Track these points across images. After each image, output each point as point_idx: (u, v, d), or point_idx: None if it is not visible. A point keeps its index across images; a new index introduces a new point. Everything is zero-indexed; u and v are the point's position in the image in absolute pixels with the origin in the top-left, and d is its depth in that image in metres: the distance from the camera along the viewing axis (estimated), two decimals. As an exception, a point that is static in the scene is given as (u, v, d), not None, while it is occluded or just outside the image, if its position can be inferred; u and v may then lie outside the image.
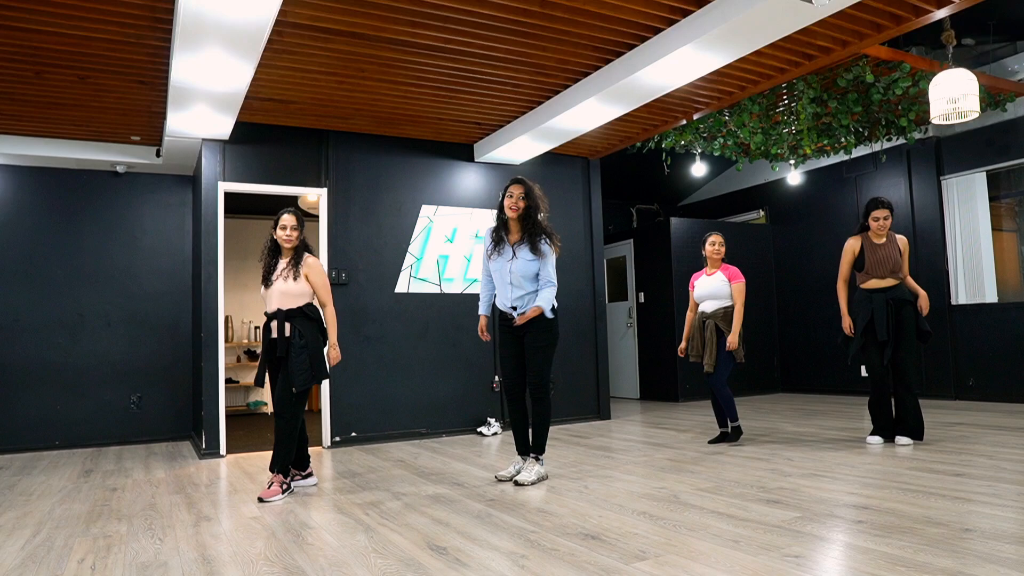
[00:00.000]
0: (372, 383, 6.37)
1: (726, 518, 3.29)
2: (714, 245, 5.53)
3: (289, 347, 4.25)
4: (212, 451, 5.79)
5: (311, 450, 6.07)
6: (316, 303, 4.45)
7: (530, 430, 4.44)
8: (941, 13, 4.35)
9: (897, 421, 5.17)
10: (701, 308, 5.52)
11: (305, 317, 4.35)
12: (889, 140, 7.58)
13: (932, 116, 5.38)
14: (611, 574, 2.59)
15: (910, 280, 5.22)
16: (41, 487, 4.70)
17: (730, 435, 5.46)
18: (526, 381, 4.40)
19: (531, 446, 4.43)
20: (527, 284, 4.35)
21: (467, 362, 6.78)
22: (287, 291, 4.33)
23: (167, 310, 6.96)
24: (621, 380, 9.93)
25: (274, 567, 2.82)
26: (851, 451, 4.93)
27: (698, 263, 9.22)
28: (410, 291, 6.63)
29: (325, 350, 4.43)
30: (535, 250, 4.33)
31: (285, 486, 4.23)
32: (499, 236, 4.48)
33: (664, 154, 7.98)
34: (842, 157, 8.67)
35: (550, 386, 4.40)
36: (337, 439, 6.18)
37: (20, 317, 6.47)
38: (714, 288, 5.46)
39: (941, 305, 7.90)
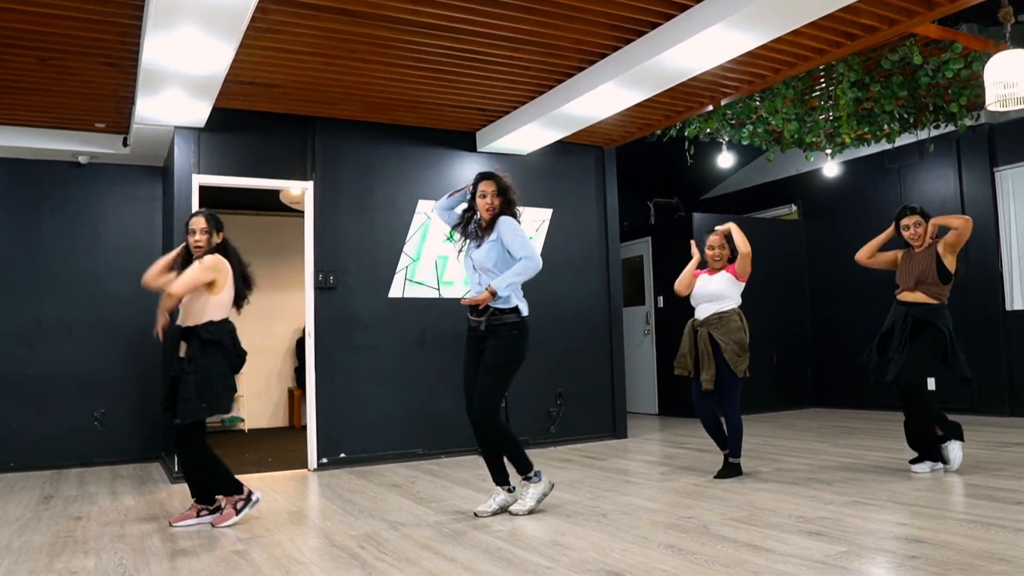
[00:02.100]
0: (363, 398, 6.35)
1: (764, 552, 3.27)
2: (713, 249, 5.19)
3: (181, 370, 4.11)
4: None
5: (295, 473, 6.06)
6: (222, 318, 4.33)
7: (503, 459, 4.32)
8: (999, -12, 4.35)
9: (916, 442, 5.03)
10: (696, 314, 5.22)
11: (200, 339, 4.17)
12: (937, 127, 7.56)
13: (987, 101, 5.36)
14: (639, 617, 2.58)
15: (947, 220, 4.99)
16: (14, 510, 4.68)
17: (723, 470, 5.10)
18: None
19: (517, 472, 4.28)
20: (490, 273, 4.24)
21: (468, 374, 6.77)
22: (186, 303, 4.22)
23: (135, 316, 6.92)
24: (638, 394, 9.91)
25: (261, 608, 2.81)
26: (897, 476, 4.91)
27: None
28: (405, 295, 6.61)
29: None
30: (495, 237, 4.25)
31: (241, 502, 4.22)
32: (471, 232, 4.44)
33: (687, 143, 7.97)
34: (884, 146, 8.64)
35: (499, 410, 4.25)
36: (324, 461, 6.17)
37: (-29, 324, 6.46)
38: (715, 289, 5.12)
39: (994, 311, 7.89)
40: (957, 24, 6.28)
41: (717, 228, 5.28)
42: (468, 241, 4.45)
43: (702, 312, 5.16)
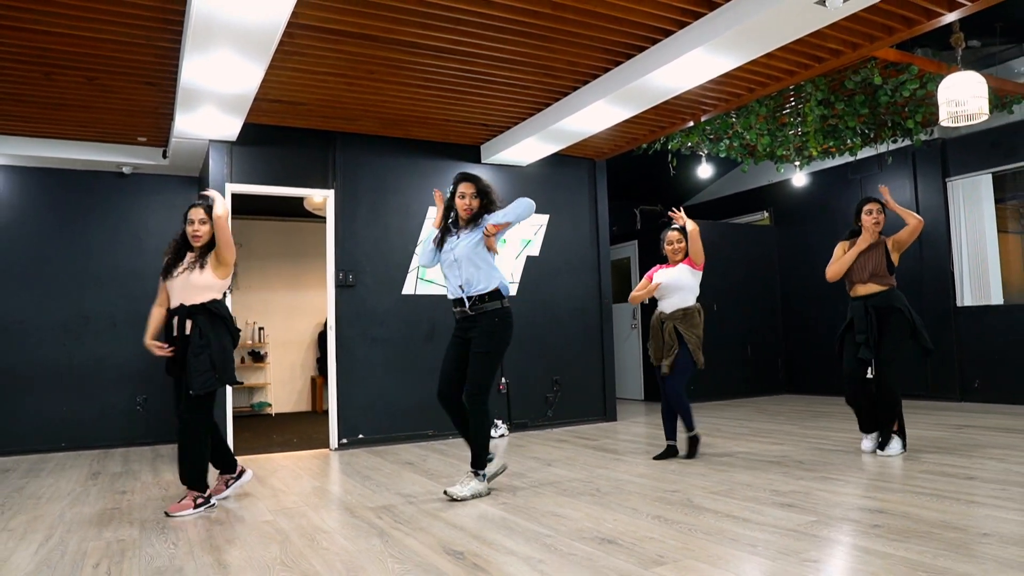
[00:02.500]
0: (379, 385, 6.35)
1: (742, 522, 3.28)
2: (672, 244, 5.12)
3: (188, 347, 3.91)
4: (219, 453, 5.77)
5: (318, 452, 6.06)
6: (224, 299, 4.12)
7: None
8: (952, 16, 4.35)
9: (879, 425, 4.92)
10: (660, 307, 5.10)
11: (209, 314, 3.99)
12: (895, 142, 7.58)
13: (941, 118, 5.37)
14: (631, 579, 2.58)
15: (905, 214, 4.92)
16: (50, 490, 4.68)
17: (688, 447, 5.03)
18: (458, 389, 4.11)
19: (472, 464, 4.10)
20: (472, 267, 4.07)
21: (473, 364, 6.76)
22: (191, 283, 3.98)
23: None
24: (625, 382, 9.92)
25: (291, 572, 2.81)
26: (861, 454, 4.92)
27: (704, 263, 9.23)
28: (417, 293, 6.62)
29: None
30: (478, 227, 4.13)
31: (201, 500, 3.94)
32: (446, 228, 4.28)
33: (670, 155, 7.98)
34: (847, 159, 8.67)
35: (488, 396, 4.07)
36: (344, 441, 6.17)
37: (25, 319, 6.45)
38: (675, 278, 5.03)
39: (946, 307, 7.90)
40: (913, 48, 6.30)
41: (673, 223, 5.24)
42: (446, 240, 4.24)
43: (668, 306, 5.04)
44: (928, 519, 3.19)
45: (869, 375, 4.86)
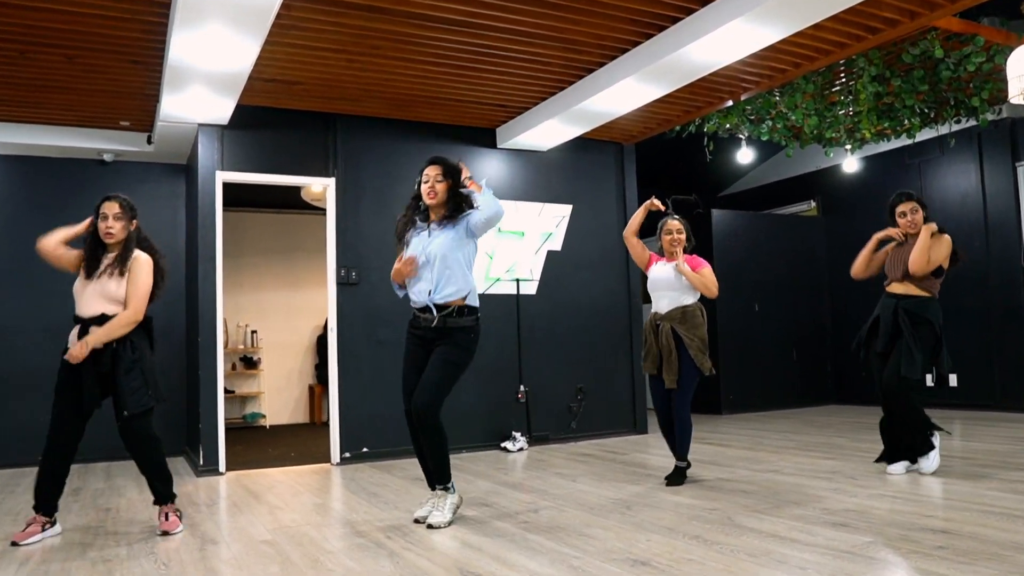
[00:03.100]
0: (386, 393, 6.37)
1: (789, 543, 3.28)
2: (671, 234, 4.90)
3: (116, 363, 3.84)
4: (211, 468, 5.84)
5: (319, 467, 6.11)
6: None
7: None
8: (1024, -20, 4.33)
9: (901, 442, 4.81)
10: (654, 307, 4.88)
11: (138, 329, 3.97)
12: (958, 122, 7.52)
13: (1010, 95, 5.32)
14: (667, 604, 2.59)
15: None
16: (27, 507, 4.71)
17: (673, 476, 4.78)
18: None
19: (435, 479, 3.99)
20: (447, 269, 3.95)
21: (491, 370, 6.78)
22: (108, 292, 3.91)
23: (158, 312, 6.84)
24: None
25: (293, 595, 2.85)
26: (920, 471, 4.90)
27: (744, 259, 9.24)
28: (426, 291, 6.64)
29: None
30: (458, 224, 4.00)
31: (179, 511, 4.04)
32: (411, 220, 4.15)
33: (706, 139, 7.97)
34: (904, 141, 8.59)
35: (440, 409, 3.93)
36: (347, 455, 6.21)
37: (5, 322, 6.53)
38: (671, 277, 4.81)
39: (1016, 304, 7.83)
40: (979, 17, 6.24)
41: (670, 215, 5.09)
42: (412, 231, 4.14)
43: (663, 305, 4.82)
44: (998, 540, 3.18)
45: (930, 383, 4.77)
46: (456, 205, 4.05)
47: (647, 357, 4.87)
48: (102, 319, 3.90)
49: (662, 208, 4.96)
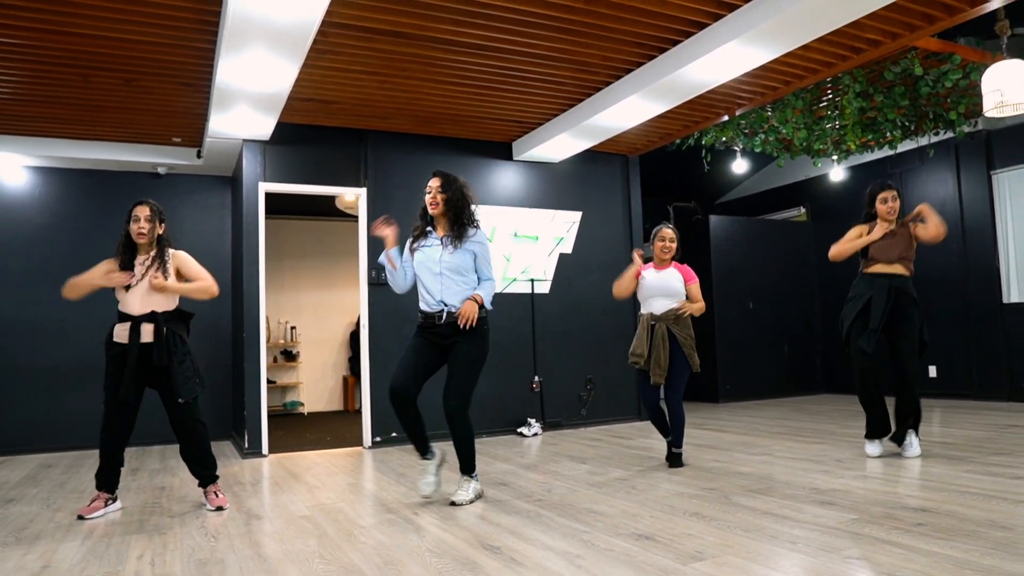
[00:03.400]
0: (411, 383, 6.41)
1: (781, 519, 3.28)
2: (664, 241, 4.82)
3: (171, 355, 3.92)
4: (254, 451, 5.89)
5: (352, 451, 6.15)
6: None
7: (456, 451, 4.02)
8: (996, 2, 4.30)
9: (898, 420, 4.76)
10: (648, 308, 4.77)
11: (182, 320, 4.09)
12: (937, 134, 7.47)
13: (985, 109, 5.29)
14: (669, 574, 2.60)
15: (939, 225, 4.68)
16: (90, 485, 4.80)
17: (673, 459, 4.78)
18: (418, 389, 3.94)
19: (463, 469, 4.03)
20: (459, 277, 3.97)
21: (507, 362, 6.80)
22: (149, 291, 3.98)
23: (206, 311, 7.03)
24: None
25: (330, 565, 2.87)
26: (902, 454, 4.87)
27: (739, 261, 9.19)
28: (449, 291, 6.66)
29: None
30: (466, 241, 3.99)
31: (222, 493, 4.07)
32: (423, 230, 4.15)
33: (704, 151, 7.94)
34: (887, 152, 8.54)
35: (468, 408, 3.94)
36: (378, 439, 6.24)
37: (66, 319, 6.62)
38: (666, 284, 4.74)
39: (993, 304, 7.76)
40: (956, 38, 6.21)
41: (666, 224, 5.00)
42: (419, 239, 4.13)
43: (656, 306, 4.73)
44: (975, 518, 3.16)
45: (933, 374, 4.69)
46: (455, 216, 4.05)
47: (637, 352, 4.76)
48: (152, 315, 3.96)
49: (641, 264, 4.86)
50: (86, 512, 3.85)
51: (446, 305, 3.96)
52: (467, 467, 4.03)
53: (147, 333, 3.94)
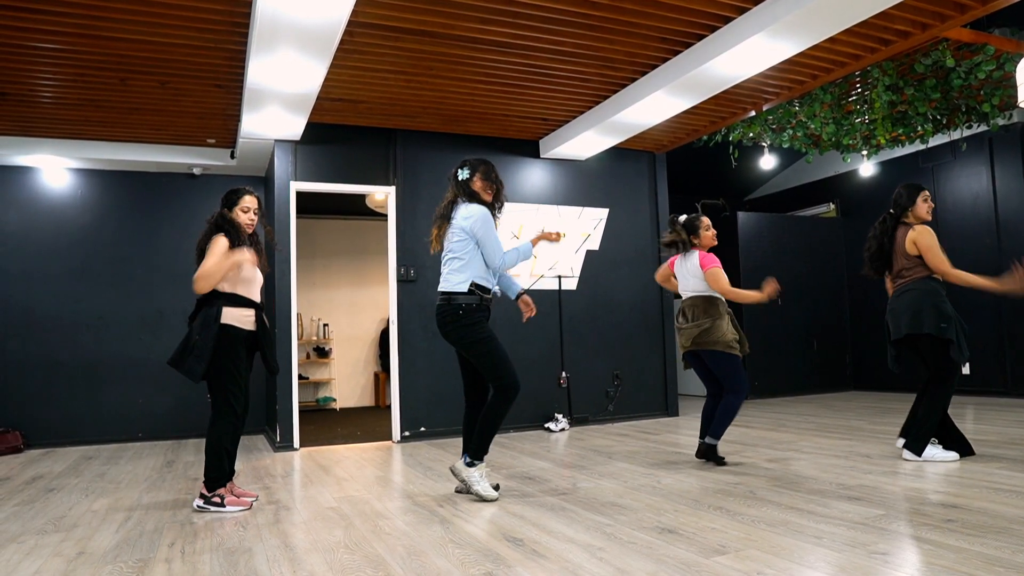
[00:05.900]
0: (440, 379, 6.42)
1: (806, 514, 3.21)
2: (709, 229, 4.84)
3: (266, 337, 3.98)
4: (286, 444, 5.94)
5: (381, 444, 6.18)
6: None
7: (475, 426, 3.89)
8: (1030, -9, 4.17)
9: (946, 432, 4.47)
10: (681, 289, 4.78)
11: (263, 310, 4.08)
12: (969, 127, 7.27)
13: (1020, 100, 5.14)
14: (691, 567, 2.56)
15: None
16: (128, 476, 4.89)
17: (709, 454, 4.58)
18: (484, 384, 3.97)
19: (473, 453, 3.84)
20: (453, 258, 3.99)
21: (534, 358, 6.78)
22: (258, 277, 3.99)
23: (241, 307, 7.15)
24: (687, 377, 9.79)
25: (354, 555, 2.88)
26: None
27: (768, 258, 9.06)
28: (476, 287, 6.66)
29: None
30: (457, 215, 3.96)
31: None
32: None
33: (731, 147, 7.84)
34: (918, 147, 8.36)
35: (515, 383, 3.83)
36: (406, 434, 6.26)
37: (105, 315, 6.75)
38: (688, 271, 4.69)
39: (1027, 299, 7.56)
40: (989, 27, 6.04)
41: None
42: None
43: (685, 288, 4.73)
44: (1006, 515, 3.07)
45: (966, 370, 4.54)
46: (468, 199, 4.06)
47: (680, 333, 4.72)
48: (261, 303, 4.05)
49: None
50: (244, 503, 3.79)
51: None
52: (480, 452, 3.84)
53: (256, 320, 3.96)
